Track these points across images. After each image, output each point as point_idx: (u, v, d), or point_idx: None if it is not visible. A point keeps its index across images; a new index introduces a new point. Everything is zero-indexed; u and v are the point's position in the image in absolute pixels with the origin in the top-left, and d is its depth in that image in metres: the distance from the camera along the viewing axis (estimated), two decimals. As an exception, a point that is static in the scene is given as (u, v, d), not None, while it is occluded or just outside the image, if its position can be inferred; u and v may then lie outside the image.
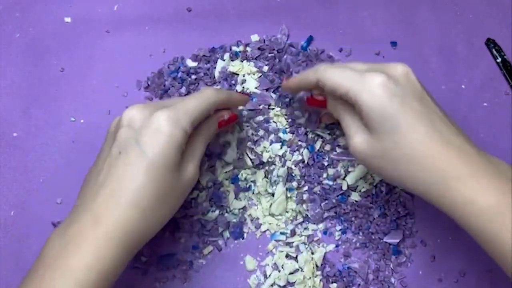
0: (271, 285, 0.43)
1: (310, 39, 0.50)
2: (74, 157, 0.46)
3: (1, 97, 0.48)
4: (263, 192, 0.45)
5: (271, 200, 0.45)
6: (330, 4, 0.52)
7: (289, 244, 0.44)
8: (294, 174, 0.45)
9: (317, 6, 0.52)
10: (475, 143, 0.47)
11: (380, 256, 0.44)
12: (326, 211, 0.45)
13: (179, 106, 0.34)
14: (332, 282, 0.43)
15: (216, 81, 0.48)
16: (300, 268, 0.43)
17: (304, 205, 0.45)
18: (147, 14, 0.51)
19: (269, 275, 0.43)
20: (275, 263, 0.44)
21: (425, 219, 0.45)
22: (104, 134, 0.47)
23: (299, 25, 0.51)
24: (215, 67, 0.48)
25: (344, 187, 0.45)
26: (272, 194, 0.45)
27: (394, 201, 0.45)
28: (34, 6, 0.51)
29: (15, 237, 0.44)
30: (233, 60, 0.49)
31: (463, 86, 0.49)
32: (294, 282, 0.43)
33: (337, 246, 0.45)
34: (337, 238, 0.45)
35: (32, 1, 0.51)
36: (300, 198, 0.45)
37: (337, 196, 0.45)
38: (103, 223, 0.31)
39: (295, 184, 0.45)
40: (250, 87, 0.47)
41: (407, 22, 0.51)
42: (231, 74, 0.48)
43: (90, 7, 0.51)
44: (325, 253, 0.44)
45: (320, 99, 0.40)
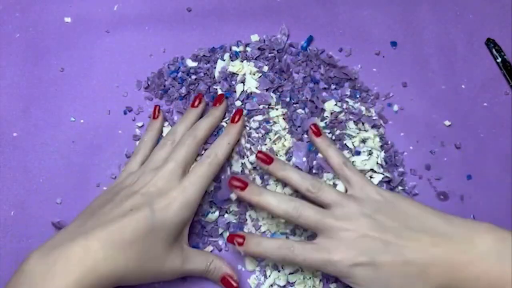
0: (271, 285, 0.43)
1: (310, 39, 0.50)
2: (74, 157, 0.46)
3: (1, 97, 0.48)
4: None
5: None
6: (330, 4, 0.52)
7: None
8: None
9: (317, 6, 0.52)
10: (475, 143, 0.47)
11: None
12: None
13: (190, 187, 0.40)
14: (332, 282, 0.43)
15: (216, 81, 0.48)
16: (300, 268, 0.43)
17: None
18: (147, 14, 0.51)
19: (269, 275, 0.43)
20: (275, 263, 0.44)
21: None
22: (104, 134, 0.47)
23: (299, 25, 0.51)
24: (215, 67, 0.48)
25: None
26: None
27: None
28: (34, 6, 0.51)
29: (15, 237, 0.44)
30: (233, 60, 0.49)
31: (463, 86, 0.49)
32: (294, 282, 0.43)
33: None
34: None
35: (32, 1, 0.51)
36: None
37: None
38: (93, 255, 0.34)
39: None
40: (251, 87, 0.47)
41: (407, 22, 0.51)
42: (231, 74, 0.48)
43: (90, 7, 0.51)
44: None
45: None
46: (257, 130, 0.46)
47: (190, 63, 0.49)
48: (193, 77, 0.48)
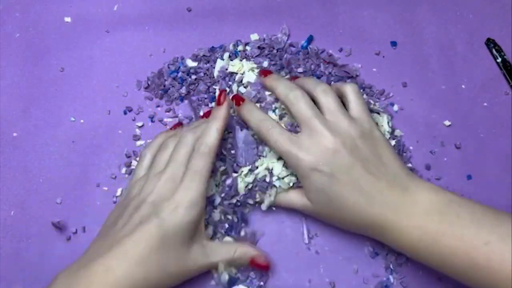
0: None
1: (310, 39, 0.50)
2: (74, 157, 0.46)
3: (1, 97, 0.48)
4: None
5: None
6: (330, 4, 0.52)
7: None
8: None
9: (317, 6, 0.52)
10: (475, 143, 0.47)
11: (383, 256, 0.44)
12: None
13: (196, 188, 0.39)
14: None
15: (215, 81, 0.48)
16: None
17: None
18: (147, 14, 0.51)
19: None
20: None
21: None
22: (104, 134, 0.47)
23: (299, 25, 0.51)
24: (215, 67, 0.48)
25: None
26: None
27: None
28: (34, 6, 0.51)
29: (15, 237, 0.44)
30: (233, 60, 0.49)
31: (463, 86, 0.49)
32: None
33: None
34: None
35: (32, 1, 0.51)
36: None
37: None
38: (113, 273, 0.35)
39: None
40: (250, 80, 0.47)
41: (407, 22, 0.51)
42: (230, 74, 0.48)
43: (90, 7, 0.51)
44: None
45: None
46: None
47: (190, 63, 0.49)
48: (193, 77, 0.48)
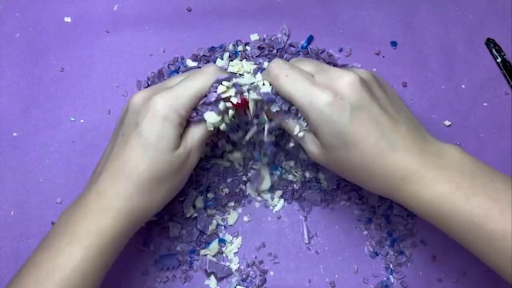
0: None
1: (310, 39, 0.50)
2: (74, 157, 0.46)
3: (1, 97, 0.48)
4: None
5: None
6: (330, 4, 0.52)
7: None
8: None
9: (317, 6, 0.52)
10: (475, 143, 0.47)
11: (384, 256, 0.44)
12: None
13: (176, 90, 0.36)
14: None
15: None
16: None
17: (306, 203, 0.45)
18: (147, 14, 0.51)
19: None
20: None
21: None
22: (104, 134, 0.47)
23: (299, 25, 0.51)
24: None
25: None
26: None
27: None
28: (34, 6, 0.51)
29: (15, 237, 0.44)
30: (233, 60, 0.49)
31: (463, 86, 0.49)
32: None
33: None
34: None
35: (32, 1, 0.51)
36: (300, 195, 0.45)
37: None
38: (106, 195, 0.34)
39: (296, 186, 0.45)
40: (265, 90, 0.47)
41: (407, 22, 0.51)
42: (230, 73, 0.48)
43: (90, 7, 0.51)
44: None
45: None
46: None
47: (190, 63, 0.49)
48: (193, 77, 0.48)
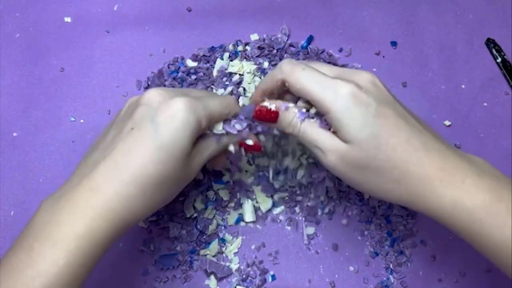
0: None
1: (310, 39, 0.50)
2: (74, 157, 0.46)
3: (1, 97, 0.48)
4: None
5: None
6: (330, 4, 0.52)
7: None
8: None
9: (317, 6, 0.52)
10: (475, 143, 0.47)
11: (383, 257, 0.44)
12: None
13: (201, 99, 0.33)
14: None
15: (214, 80, 0.48)
16: None
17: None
18: (147, 14, 0.51)
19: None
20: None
21: (425, 219, 0.45)
22: (104, 134, 0.47)
23: (299, 25, 0.51)
24: (214, 67, 0.48)
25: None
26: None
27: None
28: (34, 6, 0.51)
29: (15, 237, 0.44)
30: (232, 60, 0.49)
31: (463, 86, 0.49)
32: None
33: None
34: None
35: (32, 1, 0.51)
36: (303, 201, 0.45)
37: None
38: (101, 193, 0.30)
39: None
40: (250, 86, 0.47)
41: (407, 22, 0.51)
42: (229, 74, 0.48)
43: (90, 7, 0.51)
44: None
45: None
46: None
47: (190, 63, 0.49)
48: (193, 77, 0.48)
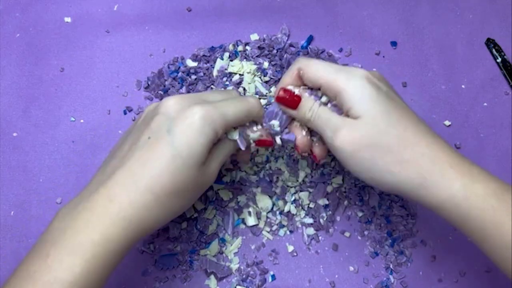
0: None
1: (310, 39, 0.50)
2: (74, 157, 0.46)
3: (1, 97, 0.48)
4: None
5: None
6: (330, 4, 0.52)
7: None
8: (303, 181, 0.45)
9: (317, 6, 0.52)
10: (475, 143, 0.47)
11: (383, 257, 0.44)
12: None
13: (219, 106, 0.34)
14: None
15: (214, 80, 0.48)
16: None
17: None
18: (147, 14, 0.51)
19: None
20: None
21: (426, 219, 0.45)
22: (104, 134, 0.47)
23: (299, 25, 0.51)
24: (214, 67, 0.48)
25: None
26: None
27: (396, 202, 0.45)
28: (34, 6, 0.51)
29: (15, 237, 0.44)
30: (232, 60, 0.49)
31: (463, 86, 0.49)
32: None
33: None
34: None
35: (32, 1, 0.51)
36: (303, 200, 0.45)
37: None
38: (117, 202, 0.31)
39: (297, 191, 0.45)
40: (250, 87, 0.47)
41: (407, 22, 0.51)
42: (229, 74, 0.48)
43: (90, 7, 0.51)
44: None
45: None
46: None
47: (190, 63, 0.49)
48: (193, 77, 0.48)
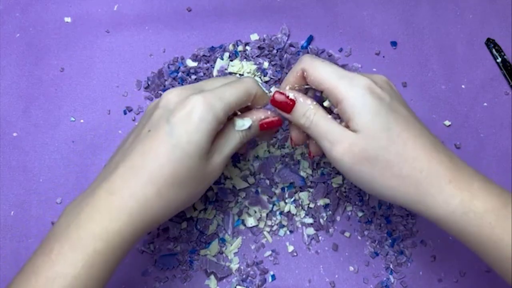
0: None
1: (310, 39, 0.50)
2: (74, 157, 0.46)
3: (1, 97, 0.48)
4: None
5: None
6: (330, 4, 0.52)
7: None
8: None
9: (317, 6, 0.52)
10: (475, 143, 0.47)
11: (383, 257, 0.44)
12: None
13: (216, 92, 0.33)
14: (332, 282, 0.43)
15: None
16: None
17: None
18: (147, 14, 0.51)
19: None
20: None
21: (426, 219, 0.45)
22: (104, 134, 0.47)
23: (299, 25, 0.51)
24: (214, 67, 0.48)
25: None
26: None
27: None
28: (34, 6, 0.51)
29: (15, 237, 0.44)
30: (232, 60, 0.49)
31: (463, 86, 0.49)
32: None
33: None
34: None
35: (32, 1, 0.51)
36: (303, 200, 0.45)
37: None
38: (119, 195, 0.31)
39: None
40: None
41: (407, 22, 0.51)
42: (229, 74, 0.48)
43: (90, 7, 0.51)
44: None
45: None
46: None
47: (190, 63, 0.49)
48: (193, 77, 0.48)
